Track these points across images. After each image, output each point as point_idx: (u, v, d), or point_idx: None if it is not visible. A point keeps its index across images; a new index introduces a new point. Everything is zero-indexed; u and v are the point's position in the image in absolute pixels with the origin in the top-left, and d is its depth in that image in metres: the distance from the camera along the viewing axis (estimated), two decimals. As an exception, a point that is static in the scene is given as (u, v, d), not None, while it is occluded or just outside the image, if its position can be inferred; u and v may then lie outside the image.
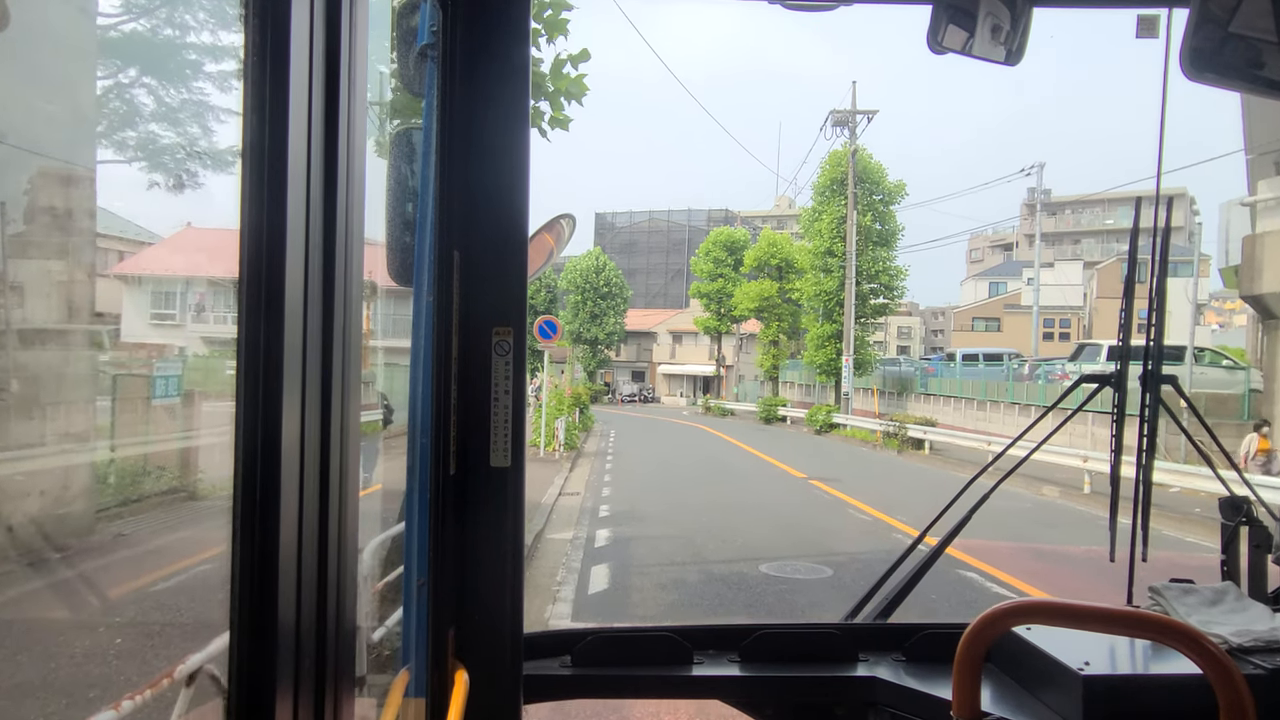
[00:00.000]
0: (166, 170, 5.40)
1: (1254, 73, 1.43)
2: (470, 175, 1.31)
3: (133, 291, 15.19)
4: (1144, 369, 1.74)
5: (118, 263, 14.42)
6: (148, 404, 7.47)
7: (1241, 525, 1.76)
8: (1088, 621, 1.02)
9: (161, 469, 7.20)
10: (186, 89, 5.22)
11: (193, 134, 5.44)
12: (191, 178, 5.18)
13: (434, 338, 1.26)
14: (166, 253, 16.22)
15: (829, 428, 27.66)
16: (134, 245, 14.72)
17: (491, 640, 1.34)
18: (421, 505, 1.22)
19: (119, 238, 13.85)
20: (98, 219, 10.32)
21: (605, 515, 11.36)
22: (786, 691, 1.61)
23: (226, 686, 0.71)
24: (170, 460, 7.49)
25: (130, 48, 5.30)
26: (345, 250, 0.79)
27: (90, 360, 5.49)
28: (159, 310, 16.01)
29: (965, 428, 23.18)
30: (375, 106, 2.35)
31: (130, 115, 5.46)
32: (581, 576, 7.91)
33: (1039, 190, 40.43)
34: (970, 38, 1.43)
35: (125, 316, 14.69)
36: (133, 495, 6.46)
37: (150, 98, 5.51)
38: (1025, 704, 1.42)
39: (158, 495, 6.73)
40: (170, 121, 5.56)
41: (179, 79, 5.27)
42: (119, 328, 14.30)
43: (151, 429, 7.54)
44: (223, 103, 5.32)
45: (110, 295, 14.55)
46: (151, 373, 7.86)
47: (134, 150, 5.51)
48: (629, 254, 64.86)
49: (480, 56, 1.31)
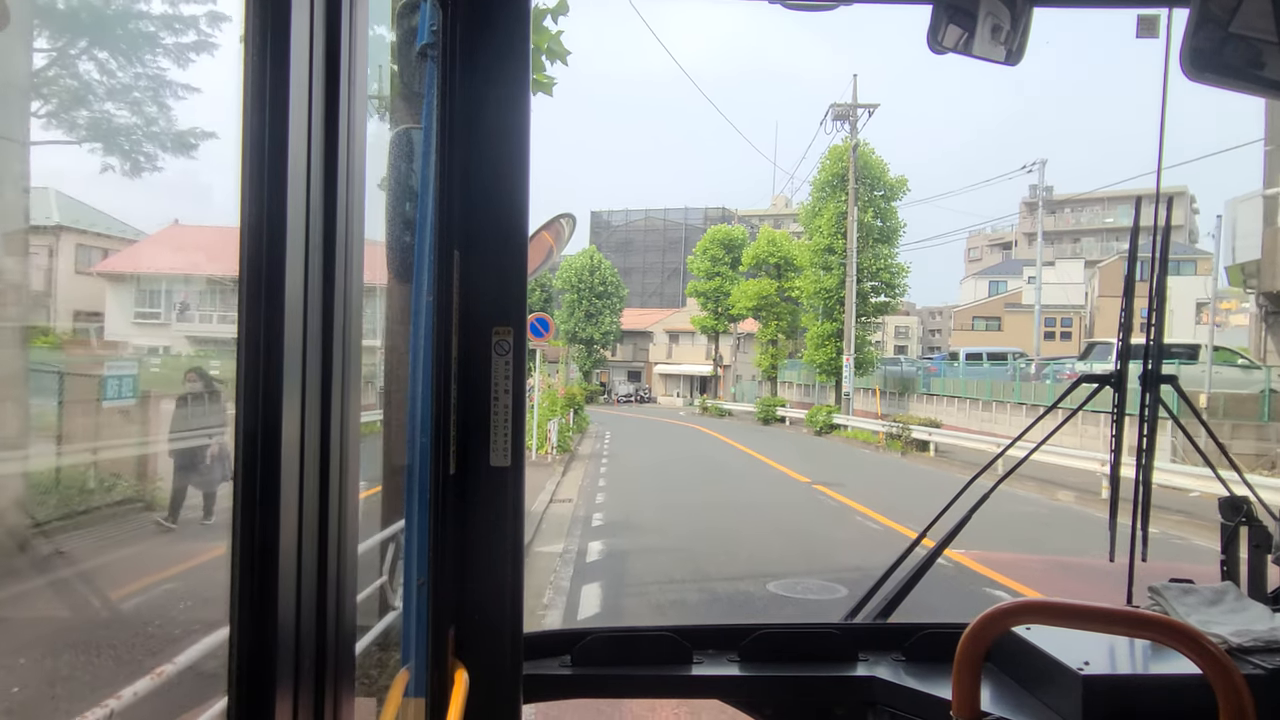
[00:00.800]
0: (133, 159, 5.32)
1: (1254, 73, 1.45)
2: (470, 175, 1.33)
3: (117, 290, 15.15)
4: (1144, 369, 1.77)
5: (101, 260, 14.39)
6: (97, 406, 7.02)
7: (1241, 525, 1.79)
8: (1087, 621, 1.04)
9: (115, 477, 6.79)
10: (173, 89, 5.17)
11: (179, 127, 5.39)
12: (186, 175, 5.14)
13: (434, 337, 1.28)
14: (153, 250, 16.18)
15: (829, 429, 27.54)
16: (118, 242, 14.67)
17: (491, 640, 1.36)
18: (421, 505, 1.24)
19: (104, 234, 13.82)
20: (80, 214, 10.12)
21: (599, 525, 10.94)
22: (786, 691, 1.63)
23: (226, 686, 0.72)
24: (126, 468, 7.02)
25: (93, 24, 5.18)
26: (345, 249, 0.81)
27: (20, 357, 5.17)
28: (144, 309, 15.96)
29: (970, 429, 22.87)
30: (375, 106, 2.36)
31: (83, 93, 5.32)
32: (571, 598, 7.46)
33: (1041, 187, 40.49)
34: (970, 37, 1.46)
35: (109, 315, 14.66)
36: (78, 507, 6.01)
37: (108, 77, 5.37)
38: (1025, 704, 1.44)
39: (108, 507, 6.31)
40: (135, 106, 5.48)
41: (151, 66, 5.17)
42: (102, 325, 14.26)
43: (103, 433, 7.11)
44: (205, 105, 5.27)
45: (94, 293, 14.50)
46: (104, 372, 7.37)
47: (97, 135, 5.41)
48: (625, 253, 64.84)
49: (480, 56, 1.33)
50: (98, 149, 5.84)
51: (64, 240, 12.72)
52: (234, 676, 0.70)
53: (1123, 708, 1.33)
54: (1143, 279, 1.83)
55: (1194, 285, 38.12)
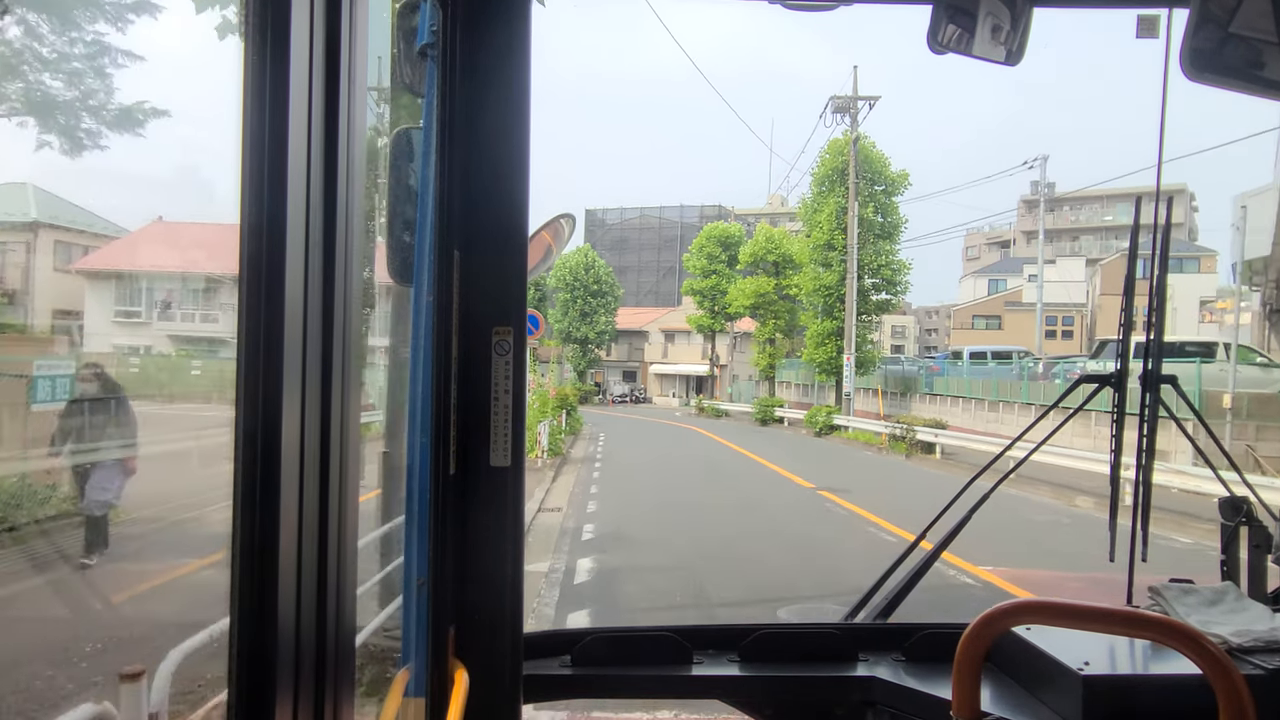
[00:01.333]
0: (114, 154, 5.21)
1: (1254, 73, 1.49)
2: (470, 175, 1.36)
3: (96, 287, 15.09)
4: (1143, 369, 1.81)
5: (81, 257, 14.33)
6: (26, 410, 6.40)
7: (1241, 525, 1.83)
8: (1087, 621, 1.06)
9: (52, 488, 6.24)
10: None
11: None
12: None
13: (434, 337, 1.30)
14: (135, 247, 16.12)
15: (829, 429, 27.40)
16: (100, 239, 14.60)
17: (491, 640, 1.38)
18: (421, 505, 1.26)
19: (85, 231, 13.76)
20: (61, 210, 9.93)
21: (589, 539, 10.27)
22: (786, 691, 1.66)
23: (227, 685, 0.73)
24: (63, 478, 6.37)
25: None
26: (345, 249, 0.82)
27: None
28: (124, 307, 15.89)
29: (976, 430, 22.52)
30: (375, 106, 2.38)
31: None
32: (556, 626, 6.68)
33: (1043, 183, 40.55)
34: (970, 38, 1.49)
35: (88, 313, 14.60)
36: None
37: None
38: (1025, 704, 1.46)
39: (43, 521, 5.80)
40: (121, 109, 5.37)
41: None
42: (82, 323, 14.18)
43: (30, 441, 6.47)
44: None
45: (73, 291, 14.43)
46: (32, 372, 6.66)
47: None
48: (620, 251, 64.82)
49: (480, 56, 1.35)
50: (79, 145, 5.81)
51: (41, 237, 12.65)
52: (234, 676, 0.71)
53: (1123, 708, 1.35)
54: (1144, 277, 1.87)
55: (1197, 283, 38.25)
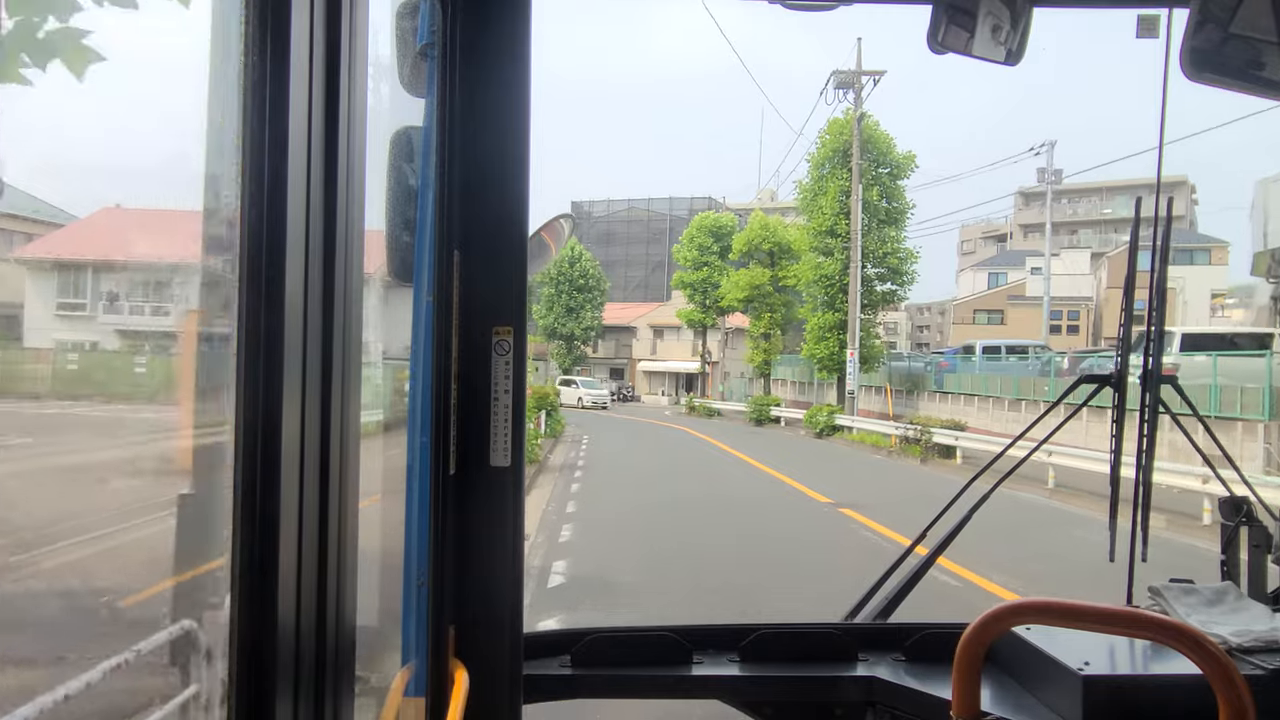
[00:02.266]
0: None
1: (1254, 73, 1.58)
2: (470, 175, 1.42)
3: (37, 278, 14.93)
4: (1143, 368, 1.91)
5: (23, 245, 14.20)
6: None
7: (1241, 525, 1.91)
8: (1088, 621, 1.12)
9: None
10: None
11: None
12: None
13: (434, 337, 1.36)
14: (83, 235, 15.91)
15: (831, 430, 26.66)
16: (46, 227, 14.44)
17: (491, 639, 1.45)
18: (421, 505, 1.32)
19: (28, 218, 13.63)
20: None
21: (558, 585, 8.29)
22: (786, 691, 1.73)
23: (227, 685, 0.77)
24: None
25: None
26: (345, 249, 0.87)
27: None
28: (67, 299, 15.73)
29: (994, 431, 21.45)
30: (375, 106, 2.41)
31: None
32: None
33: (1049, 171, 40.42)
34: (970, 38, 1.57)
35: (29, 306, 14.44)
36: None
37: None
38: (1025, 704, 1.54)
39: None
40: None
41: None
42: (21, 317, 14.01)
43: None
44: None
45: (12, 282, 14.28)
46: None
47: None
48: (607, 244, 64.68)
49: (480, 56, 1.41)
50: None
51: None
52: (234, 676, 0.76)
53: (1123, 708, 1.42)
54: (1147, 269, 1.97)
55: (1208, 275, 38.43)
